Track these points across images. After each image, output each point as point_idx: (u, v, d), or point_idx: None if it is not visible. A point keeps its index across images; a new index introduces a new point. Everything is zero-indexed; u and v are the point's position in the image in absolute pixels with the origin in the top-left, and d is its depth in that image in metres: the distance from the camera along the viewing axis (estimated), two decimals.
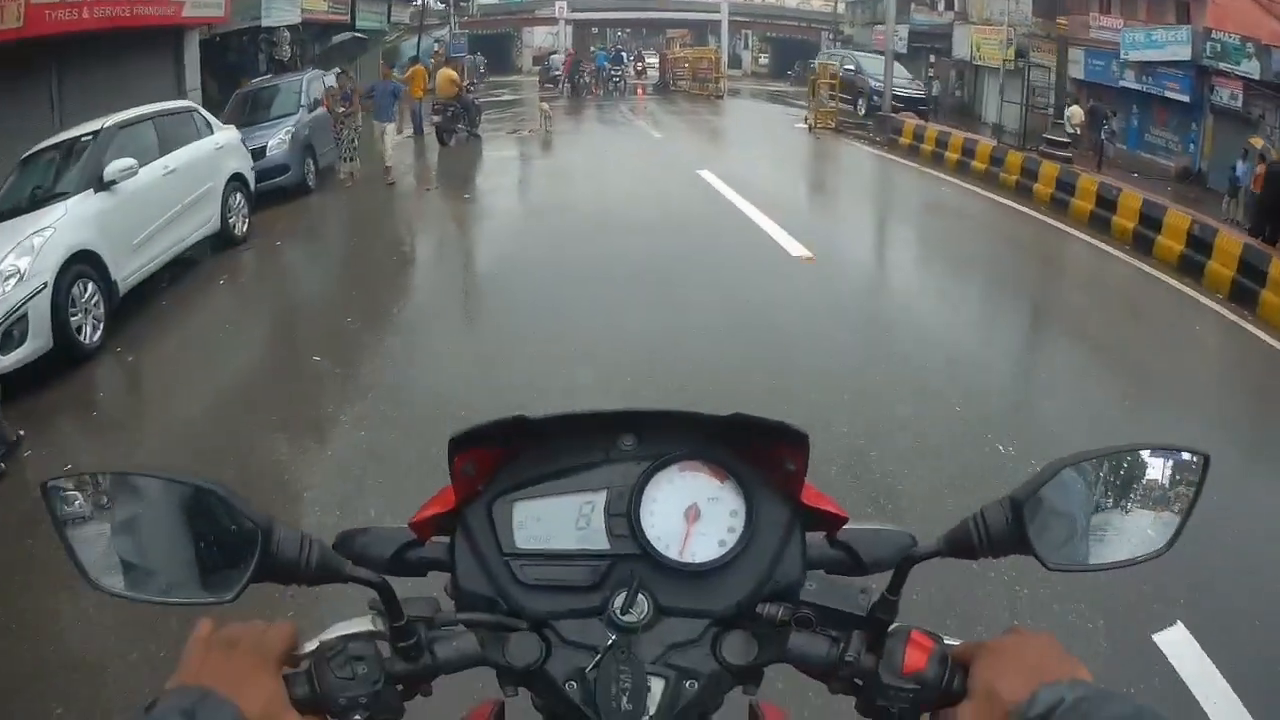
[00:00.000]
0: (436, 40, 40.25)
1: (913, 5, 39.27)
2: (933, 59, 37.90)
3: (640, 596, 1.00)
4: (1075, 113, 25.64)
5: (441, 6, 44.25)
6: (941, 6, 38.43)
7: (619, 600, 1.00)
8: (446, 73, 21.87)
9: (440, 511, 1.06)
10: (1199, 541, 1.65)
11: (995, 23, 32.29)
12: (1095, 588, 4.25)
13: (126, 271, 9.06)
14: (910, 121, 21.41)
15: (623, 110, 31.51)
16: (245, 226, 12.33)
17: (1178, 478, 1.01)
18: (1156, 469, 1.01)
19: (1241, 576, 4.68)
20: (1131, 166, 24.27)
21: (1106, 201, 13.55)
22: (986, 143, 18.99)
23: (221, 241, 11.62)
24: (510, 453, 1.07)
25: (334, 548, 1.03)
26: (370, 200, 15.30)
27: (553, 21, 51.99)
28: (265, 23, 22.03)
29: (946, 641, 0.99)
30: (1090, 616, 4.27)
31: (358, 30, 27.55)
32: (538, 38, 53.95)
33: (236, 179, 12.10)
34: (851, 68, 28.08)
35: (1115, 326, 9.62)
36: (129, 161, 9.23)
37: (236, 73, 20.48)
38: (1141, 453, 1.01)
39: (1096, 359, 8.46)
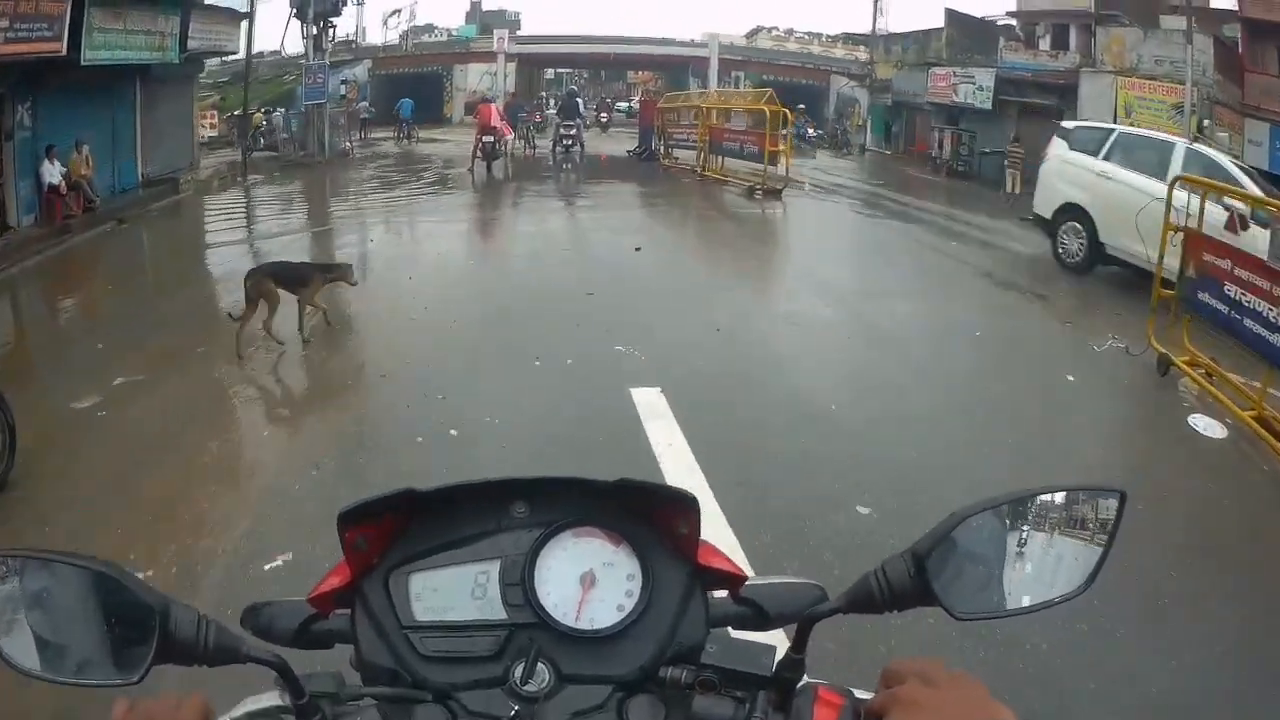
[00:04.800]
0: (345, 81, 35.57)
1: (1001, 41, 27.93)
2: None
3: (540, 665, 1.00)
4: None
5: (344, 39, 36.80)
6: (1048, 43, 27.05)
7: (519, 670, 0.99)
8: None
9: (338, 586, 1.05)
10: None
11: (1162, 78, 21.13)
12: None
13: None
14: None
15: (562, 236, 15.69)
16: None
17: (1093, 516, 1.03)
18: (1071, 509, 1.03)
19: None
20: None
21: None
22: None
23: None
24: (402, 524, 1.06)
25: (241, 621, 1.10)
26: None
27: (491, 58, 40.59)
28: None
29: (858, 695, 1.00)
30: None
31: (95, 62, 15.36)
32: (472, 78, 41.90)
33: None
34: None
35: None
36: None
37: None
38: (1053, 495, 1.03)
39: None
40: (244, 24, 22.79)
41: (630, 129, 40.59)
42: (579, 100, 31.77)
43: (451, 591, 1.05)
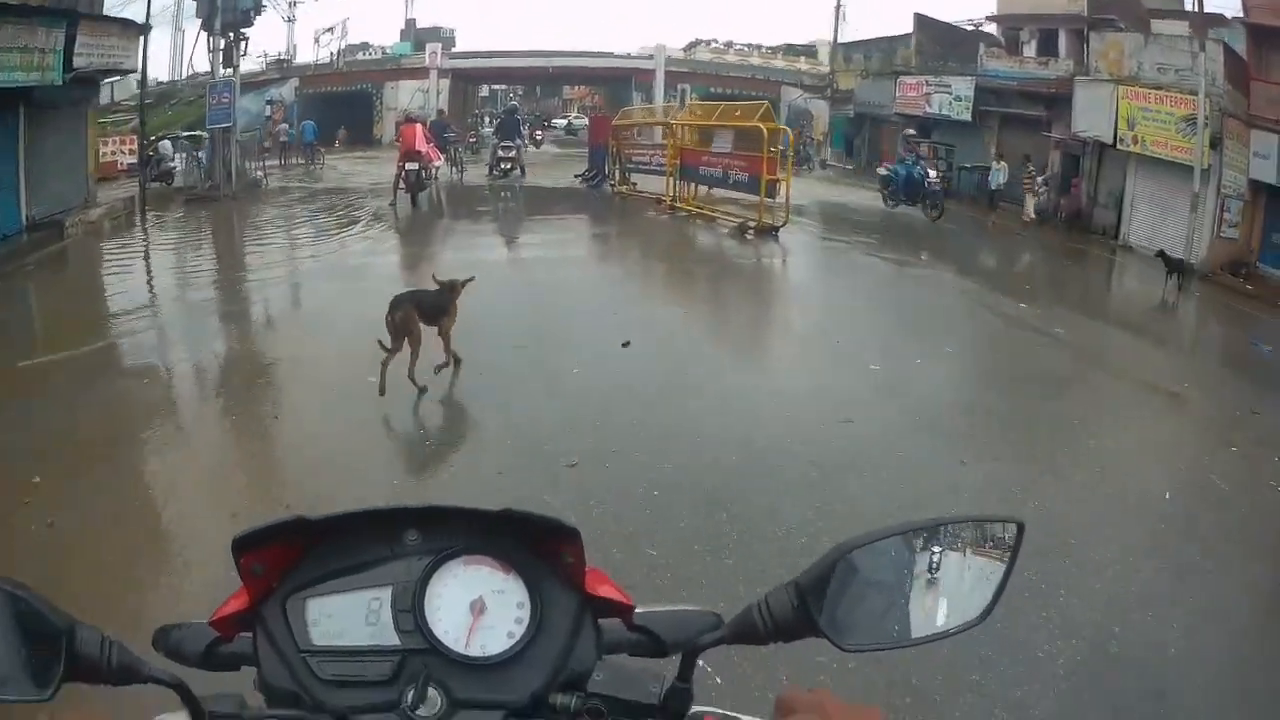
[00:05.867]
0: (270, 101, 34.53)
1: (981, 48, 25.81)
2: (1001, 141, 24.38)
3: (432, 691, 1.00)
4: None
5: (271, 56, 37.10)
6: (1033, 49, 24.94)
7: (411, 695, 0.99)
8: None
9: (238, 609, 1.06)
10: None
11: (1168, 87, 19.13)
12: None
13: None
14: None
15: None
16: None
17: (989, 546, 1.04)
18: (969, 540, 1.04)
19: None
20: None
21: None
22: None
23: None
24: (299, 550, 1.06)
25: (153, 642, 1.10)
26: None
27: (423, 74, 37.87)
28: None
29: None
30: None
31: None
32: (403, 96, 39.03)
33: None
34: None
35: None
36: None
37: None
38: (951, 526, 1.05)
39: None
40: (142, 39, 19.29)
41: (570, 148, 38.29)
42: (520, 118, 28.84)
43: (346, 617, 1.04)
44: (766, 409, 7.60)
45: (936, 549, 1.03)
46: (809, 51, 44.58)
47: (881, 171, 22.57)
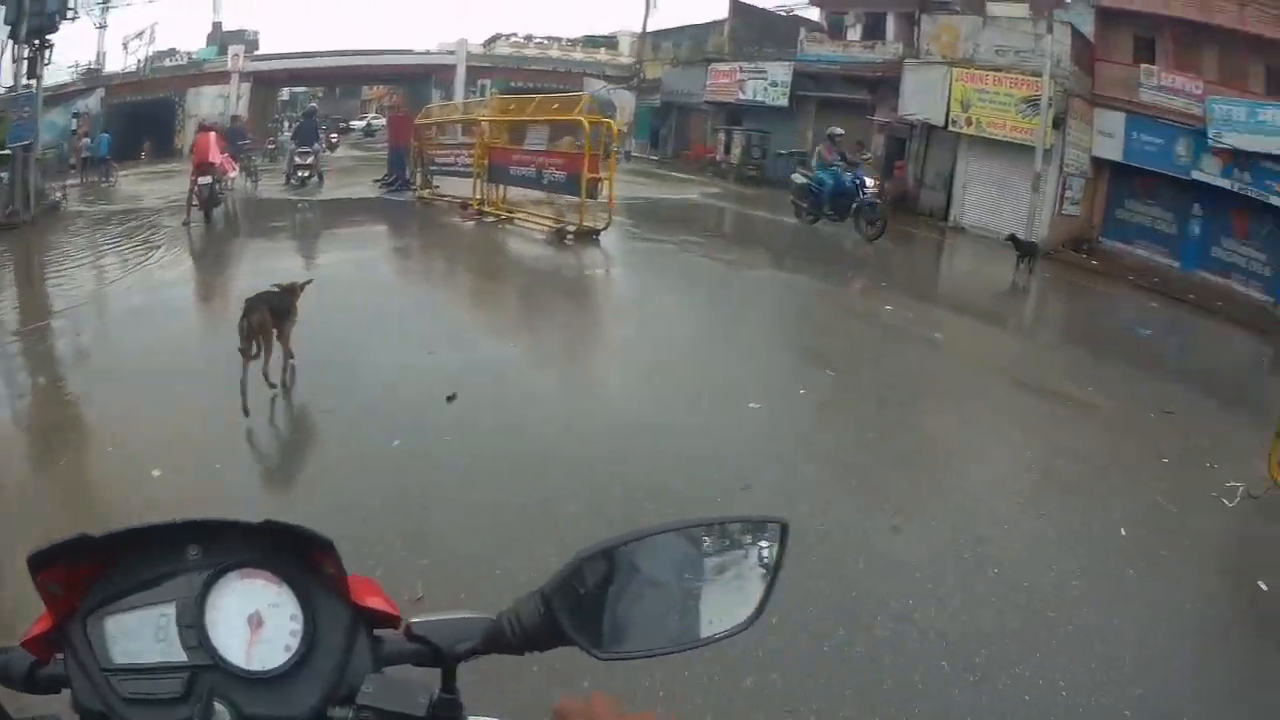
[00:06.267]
0: (76, 114, 32.14)
1: (801, 33, 25.06)
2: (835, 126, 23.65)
3: (220, 706, 0.99)
4: None
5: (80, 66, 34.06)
6: (858, 34, 24.34)
7: (198, 712, 0.99)
8: None
9: (45, 630, 1.05)
10: None
11: (1007, 69, 18.95)
12: None
13: None
14: None
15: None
16: None
17: (755, 548, 1.02)
18: (730, 542, 1.02)
19: None
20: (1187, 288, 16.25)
21: None
22: None
23: None
24: (96, 568, 1.06)
25: None
26: None
27: (226, 78, 35.75)
28: None
29: None
30: None
31: None
32: (204, 103, 35.93)
33: None
34: None
35: None
36: None
37: None
38: (712, 527, 1.03)
39: None
40: None
41: (370, 150, 35.94)
42: (317, 121, 25.96)
43: (139, 634, 1.03)
44: (642, 479, 5.62)
45: (696, 551, 1.00)
46: (610, 43, 43.76)
47: (798, 179, 17.66)
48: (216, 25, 43.36)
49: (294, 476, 5.96)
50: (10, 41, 19.19)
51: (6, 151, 19.68)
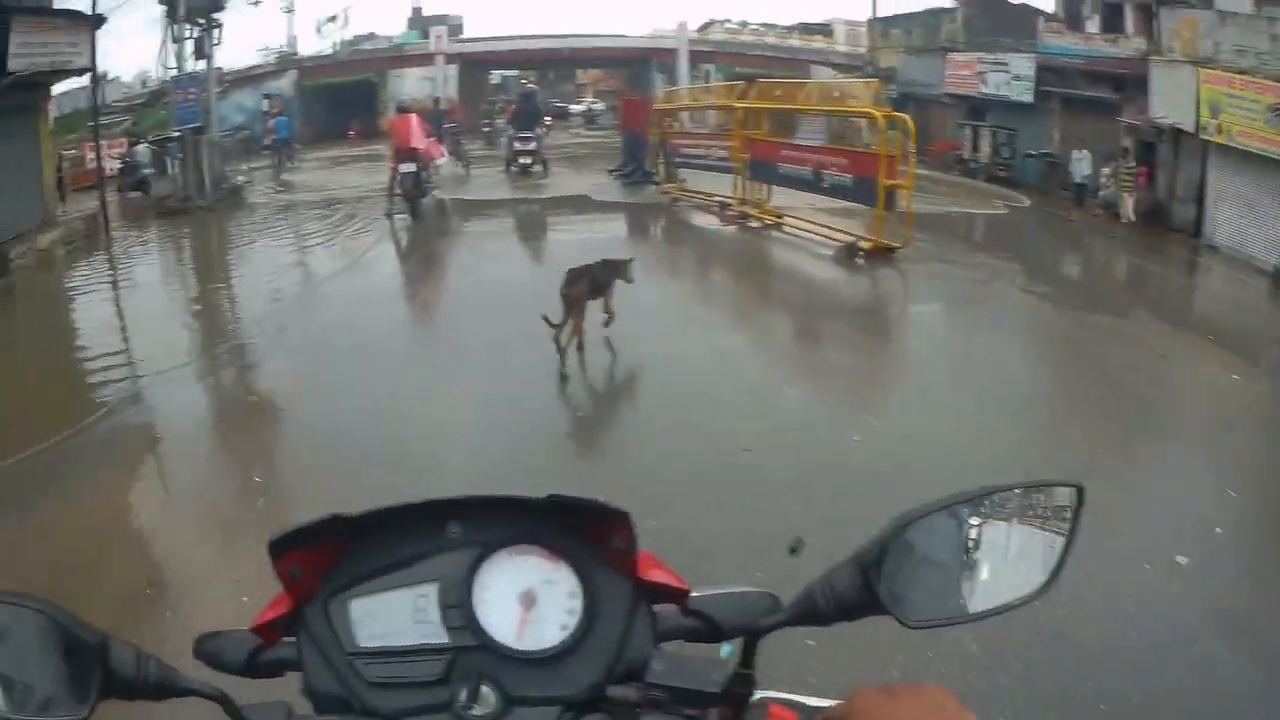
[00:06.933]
0: (267, 95, 32.93)
1: (1040, 21, 23.45)
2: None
3: (485, 689, 0.97)
4: None
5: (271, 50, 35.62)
6: (1095, 25, 22.53)
7: (464, 694, 0.97)
8: None
9: (280, 614, 1.03)
10: None
11: (1252, 71, 16.87)
12: None
13: None
14: None
15: None
16: None
17: (1049, 513, 1.00)
18: (1026, 506, 1.00)
19: None
20: None
21: None
22: None
23: None
24: (339, 549, 1.03)
25: (194, 651, 1.06)
26: None
27: (429, 61, 36.12)
28: None
29: (813, 704, 1.05)
30: None
31: None
32: (408, 86, 37.11)
33: None
34: None
35: None
36: None
37: None
38: (1008, 492, 1.00)
39: None
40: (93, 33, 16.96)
41: (588, 136, 36.07)
42: (538, 104, 24.92)
43: (392, 616, 1.01)
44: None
45: (993, 516, 0.98)
46: (824, 30, 42.41)
47: None
48: (416, 10, 44.90)
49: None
50: (169, 22, 19.58)
51: (176, 134, 20.09)
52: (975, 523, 0.98)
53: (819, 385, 8.52)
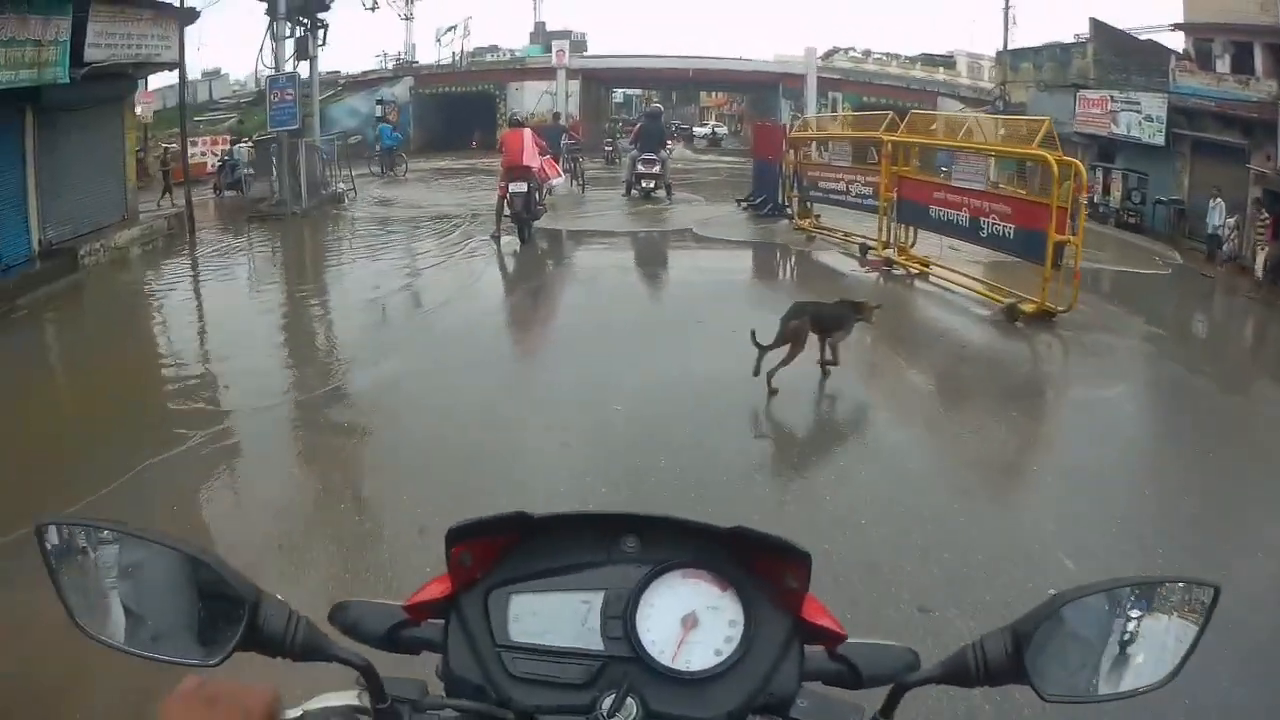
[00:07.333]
0: (380, 101, 34.02)
1: (1172, 60, 21.92)
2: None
3: (629, 700, 0.98)
4: None
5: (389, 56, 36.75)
6: (1226, 65, 20.92)
7: (607, 702, 0.98)
8: None
9: (437, 596, 1.07)
10: None
11: None
12: None
13: None
14: None
15: None
16: None
17: (1184, 609, 1.02)
18: (1163, 600, 1.02)
19: None
20: None
21: None
22: None
23: None
24: (509, 544, 1.07)
25: (329, 616, 1.09)
26: None
27: (550, 74, 36.52)
28: None
29: None
30: None
31: None
32: (528, 99, 37.27)
33: None
34: None
35: None
36: None
37: None
38: (1151, 584, 1.03)
39: None
40: (188, 27, 17.21)
41: (710, 162, 35.39)
42: (663, 125, 23.44)
43: (551, 616, 1.03)
44: None
45: (1135, 606, 1.01)
46: (947, 62, 41.07)
47: None
48: (539, 24, 45.04)
49: None
50: (270, 19, 19.06)
51: (269, 135, 19.35)
52: (1123, 609, 1.01)
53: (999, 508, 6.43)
